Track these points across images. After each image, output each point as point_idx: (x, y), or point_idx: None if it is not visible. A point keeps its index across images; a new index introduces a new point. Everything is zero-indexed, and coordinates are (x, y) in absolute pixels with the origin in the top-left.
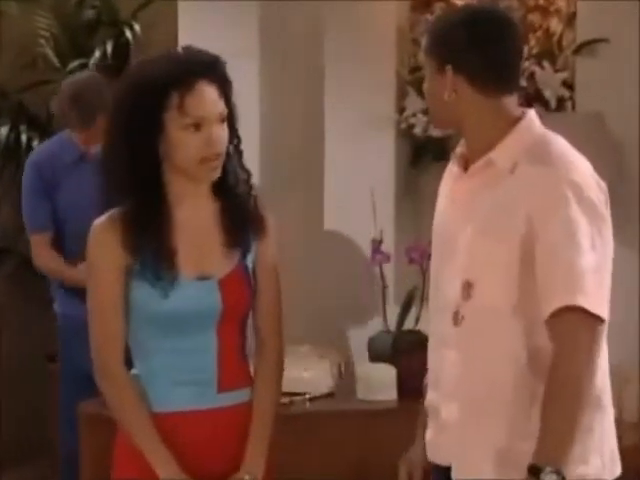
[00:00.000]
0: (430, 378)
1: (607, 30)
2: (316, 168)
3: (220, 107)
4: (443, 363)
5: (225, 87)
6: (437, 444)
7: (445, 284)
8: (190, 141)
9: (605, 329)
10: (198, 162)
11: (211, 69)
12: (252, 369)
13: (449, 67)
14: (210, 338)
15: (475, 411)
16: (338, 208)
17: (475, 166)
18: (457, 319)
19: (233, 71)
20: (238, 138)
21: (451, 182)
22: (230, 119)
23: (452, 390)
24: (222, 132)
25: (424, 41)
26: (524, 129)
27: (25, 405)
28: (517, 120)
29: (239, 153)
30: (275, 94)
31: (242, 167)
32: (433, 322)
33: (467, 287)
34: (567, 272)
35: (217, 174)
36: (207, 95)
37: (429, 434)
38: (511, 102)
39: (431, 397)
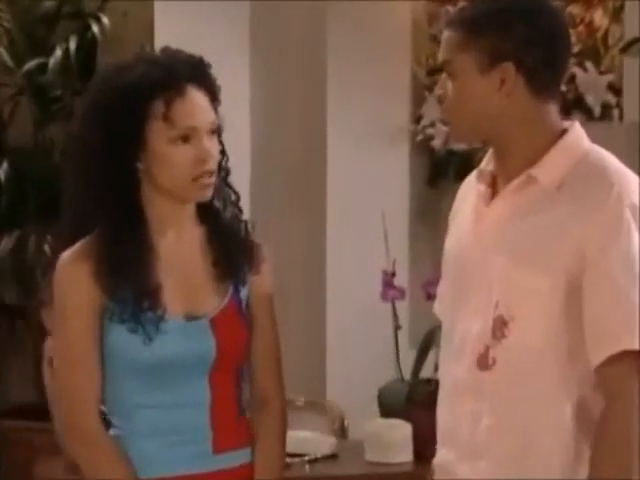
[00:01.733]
0: (441, 434)
1: None
2: (317, 188)
3: (211, 116)
4: (461, 415)
5: (214, 93)
6: None
7: (467, 321)
8: (178, 156)
9: None
10: (188, 181)
11: (198, 72)
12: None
13: (509, 64)
14: (202, 390)
15: (509, 472)
16: (343, 235)
17: (512, 185)
18: (485, 362)
19: (218, 72)
20: (224, 154)
21: (476, 203)
22: (217, 131)
23: (478, 446)
24: (214, 145)
25: (455, 32)
26: (571, 142)
27: None
28: (562, 132)
29: (226, 171)
30: (269, 100)
31: (229, 187)
32: (446, 367)
33: (501, 324)
34: (628, 311)
35: (209, 194)
36: (198, 102)
37: None
38: (555, 109)
39: (443, 456)
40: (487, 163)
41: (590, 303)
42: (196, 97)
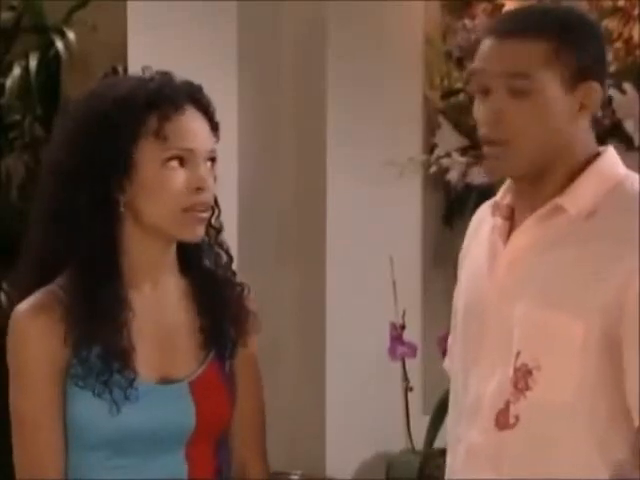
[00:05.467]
0: None
1: None
2: (315, 229)
3: (211, 142)
4: None
5: (213, 125)
6: None
7: (482, 377)
8: (170, 181)
9: None
10: (178, 211)
11: (200, 96)
12: None
13: (595, 83)
14: (178, 466)
15: None
16: (345, 283)
17: (535, 215)
18: (506, 420)
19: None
20: (215, 207)
21: (490, 239)
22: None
23: None
24: (212, 177)
25: (540, 41)
26: (605, 167)
27: None
28: (594, 156)
29: (216, 229)
30: (259, 129)
31: (220, 247)
32: (457, 432)
33: (525, 374)
34: None
35: (201, 233)
36: (197, 123)
37: None
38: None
39: None
40: (504, 195)
41: (631, 352)
42: (195, 117)
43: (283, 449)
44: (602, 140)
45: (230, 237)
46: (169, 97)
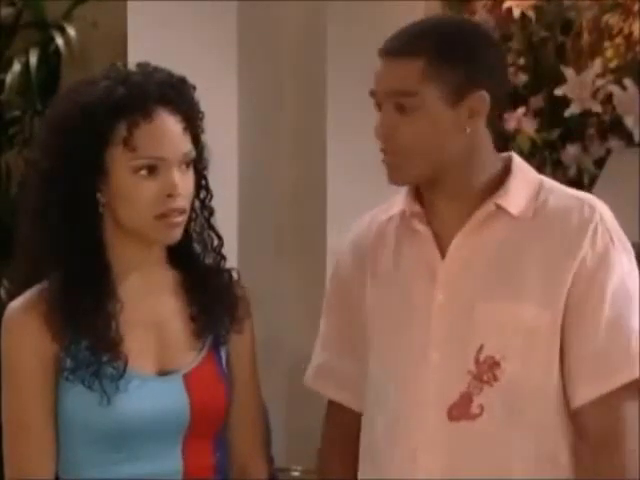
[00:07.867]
0: None
1: None
2: (315, 224)
3: (185, 146)
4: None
5: (192, 120)
6: None
7: (438, 369)
8: (140, 190)
9: None
10: (150, 219)
11: (174, 93)
12: None
13: (484, 93)
14: (173, 460)
15: None
16: None
17: (475, 218)
18: (464, 411)
19: (201, 93)
20: (207, 191)
21: (421, 249)
22: (198, 164)
23: None
24: (187, 179)
25: (417, 60)
26: (525, 171)
27: None
28: (506, 160)
29: (209, 211)
30: (259, 123)
31: (212, 229)
32: (384, 433)
33: (492, 367)
34: (624, 340)
35: (178, 235)
36: (168, 128)
37: None
38: None
39: None
40: (411, 203)
41: (579, 333)
42: (167, 122)
43: (284, 445)
44: (603, 136)
45: (230, 233)
46: (138, 104)
